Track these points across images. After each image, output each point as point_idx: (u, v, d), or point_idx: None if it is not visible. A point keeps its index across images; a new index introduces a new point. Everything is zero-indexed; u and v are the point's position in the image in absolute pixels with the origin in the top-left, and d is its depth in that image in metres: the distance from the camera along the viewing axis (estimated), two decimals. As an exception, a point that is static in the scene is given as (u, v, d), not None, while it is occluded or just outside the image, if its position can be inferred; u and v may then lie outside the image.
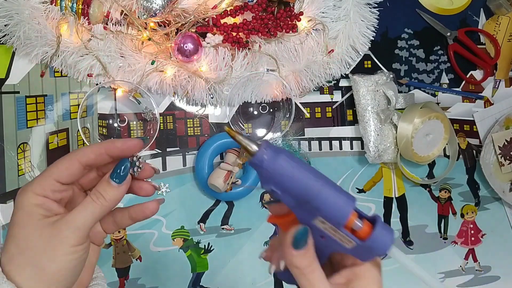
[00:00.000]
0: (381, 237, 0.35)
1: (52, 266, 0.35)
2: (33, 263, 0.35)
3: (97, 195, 0.37)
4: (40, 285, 0.35)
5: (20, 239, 0.35)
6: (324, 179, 0.34)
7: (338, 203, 0.33)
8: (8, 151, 0.69)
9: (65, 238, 0.35)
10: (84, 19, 0.67)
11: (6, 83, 0.69)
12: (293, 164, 0.33)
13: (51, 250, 0.35)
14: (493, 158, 0.87)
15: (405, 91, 0.85)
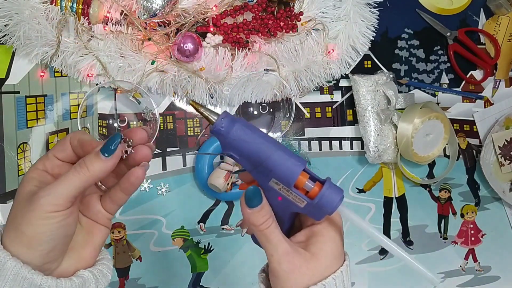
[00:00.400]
0: (328, 196, 0.38)
1: (29, 229, 0.37)
2: (15, 227, 0.38)
3: (81, 165, 0.38)
4: (22, 247, 0.37)
5: (12, 209, 0.39)
6: (275, 143, 0.38)
7: (288, 165, 0.37)
8: (8, 151, 0.69)
9: (40, 205, 0.37)
10: (84, 19, 0.67)
11: (6, 83, 0.69)
12: (248, 131, 0.37)
13: (28, 215, 0.37)
14: (493, 158, 0.87)
15: (405, 91, 0.85)
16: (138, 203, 0.73)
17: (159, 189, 0.74)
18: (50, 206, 0.37)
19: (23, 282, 0.37)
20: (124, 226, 0.72)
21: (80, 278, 0.40)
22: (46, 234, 0.37)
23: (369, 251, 0.81)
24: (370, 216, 0.82)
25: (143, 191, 0.73)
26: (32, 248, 0.37)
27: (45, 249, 0.38)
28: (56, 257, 0.40)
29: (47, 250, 0.38)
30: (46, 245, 0.38)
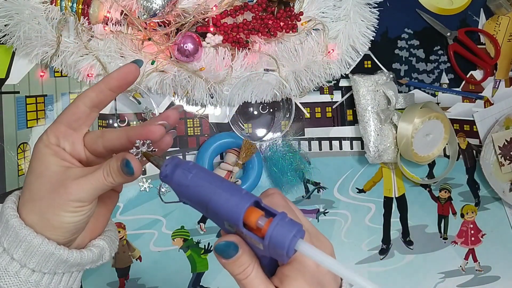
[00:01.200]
0: (277, 235, 0.32)
1: (55, 219, 0.38)
2: (40, 213, 0.38)
3: (107, 173, 0.38)
4: (46, 231, 0.39)
5: (33, 188, 0.39)
6: (219, 184, 0.34)
7: (230, 205, 0.33)
8: (8, 151, 0.69)
9: (70, 200, 0.38)
10: (84, 19, 0.67)
11: (6, 83, 0.69)
12: (189, 175, 0.35)
13: (56, 207, 0.38)
14: (493, 158, 0.87)
15: (405, 91, 0.85)
16: (138, 203, 0.73)
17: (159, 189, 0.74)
18: (79, 203, 0.38)
19: (50, 257, 0.39)
20: (124, 226, 0.72)
21: (98, 248, 0.42)
22: (72, 224, 0.39)
23: (369, 251, 0.81)
24: (370, 216, 0.82)
25: (143, 191, 0.73)
26: (56, 233, 0.39)
27: (69, 234, 0.40)
28: (76, 236, 0.41)
29: (70, 235, 0.40)
30: (70, 232, 0.39)
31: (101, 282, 0.71)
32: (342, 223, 0.80)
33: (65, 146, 0.40)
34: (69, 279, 0.42)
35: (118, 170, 0.38)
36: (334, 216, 0.80)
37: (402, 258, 0.83)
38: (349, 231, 0.81)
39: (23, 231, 0.38)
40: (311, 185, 0.80)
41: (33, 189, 0.39)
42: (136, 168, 0.38)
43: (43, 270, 0.39)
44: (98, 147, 0.41)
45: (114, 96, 0.41)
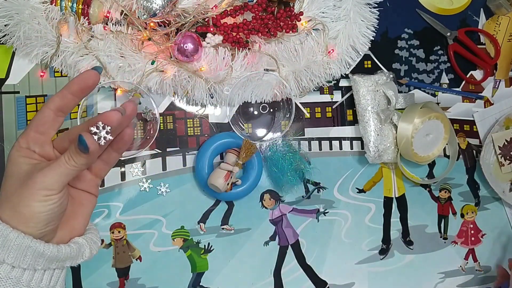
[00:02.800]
0: None
1: (26, 209, 0.41)
2: (13, 208, 0.41)
3: (69, 158, 0.42)
4: (20, 224, 0.41)
5: (6, 187, 0.43)
6: None
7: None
8: (8, 151, 0.69)
9: (37, 189, 0.40)
10: (84, 19, 0.67)
11: (6, 83, 0.69)
12: None
13: (26, 198, 0.41)
14: (493, 158, 0.87)
15: (405, 91, 0.85)
16: (138, 203, 0.73)
17: (159, 189, 0.74)
18: (46, 191, 0.41)
19: (27, 250, 0.40)
20: (124, 226, 0.72)
21: (76, 244, 0.45)
22: (43, 214, 0.41)
23: (369, 251, 0.81)
24: (370, 216, 0.82)
25: (143, 191, 0.73)
26: (30, 225, 0.41)
27: (42, 225, 0.42)
28: (52, 230, 0.43)
29: (44, 225, 0.42)
30: (43, 222, 0.42)
31: (101, 282, 0.71)
32: (342, 223, 0.80)
33: (35, 149, 0.44)
34: (50, 278, 0.43)
35: (76, 150, 0.41)
36: (334, 216, 0.80)
37: (402, 258, 0.83)
38: (349, 231, 0.81)
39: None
40: (311, 185, 0.80)
41: (6, 188, 0.42)
42: (90, 143, 0.40)
43: (22, 266, 0.41)
44: (65, 143, 0.46)
45: (76, 100, 0.45)
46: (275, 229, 0.78)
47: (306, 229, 0.79)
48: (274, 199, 0.78)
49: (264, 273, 0.77)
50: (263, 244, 0.78)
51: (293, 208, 0.79)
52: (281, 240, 0.78)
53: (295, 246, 0.79)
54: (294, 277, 0.78)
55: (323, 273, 0.79)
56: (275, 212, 0.78)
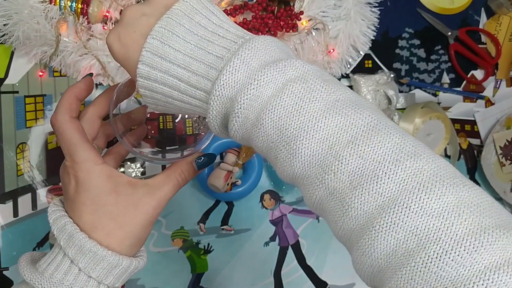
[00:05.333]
0: None
1: (135, 229, 0.41)
2: (115, 224, 0.40)
3: (180, 174, 0.43)
4: (125, 240, 0.40)
5: (93, 206, 0.40)
6: None
7: None
8: (7, 151, 0.69)
9: (150, 214, 0.41)
10: (83, 19, 0.67)
11: (5, 82, 0.69)
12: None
13: (134, 218, 0.40)
14: (494, 158, 0.86)
15: (406, 91, 0.85)
16: (138, 204, 0.73)
17: (159, 189, 0.74)
18: (157, 213, 0.42)
19: (116, 268, 0.40)
20: (123, 227, 0.72)
21: (143, 254, 0.45)
22: (146, 232, 0.42)
23: (369, 252, 0.81)
24: (370, 216, 0.81)
25: (142, 191, 0.73)
26: (125, 244, 0.41)
27: (140, 245, 0.43)
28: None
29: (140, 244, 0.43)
30: (143, 241, 0.43)
31: (100, 283, 0.71)
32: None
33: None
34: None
35: (193, 167, 0.45)
36: (335, 216, 0.80)
37: (403, 258, 0.83)
38: (349, 231, 0.80)
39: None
40: (312, 185, 0.79)
41: (99, 206, 0.41)
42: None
43: (106, 282, 0.41)
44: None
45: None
46: (275, 230, 0.78)
47: (306, 229, 0.79)
48: (274, 199, 0.78)
49: (264, 273, 0.77)
50: (263, 245, 0.77)
51: (293, 209, 0.79)
52: (281, 241, 0.78)
53: (295, 247, 0.78)
54: (295, 278, 0.78)
55: (323, 274, 0.79)
56: (275, 213, 0.78)
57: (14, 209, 0.68)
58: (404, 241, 0.28)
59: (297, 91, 0.32)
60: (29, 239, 0.67)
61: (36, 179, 0.69)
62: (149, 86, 0.36)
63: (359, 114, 0.32)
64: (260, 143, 0.34)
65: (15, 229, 0.68)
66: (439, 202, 0.28)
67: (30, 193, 0.69)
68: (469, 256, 0.26)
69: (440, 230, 0.27)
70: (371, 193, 0.30)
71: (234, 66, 0.33)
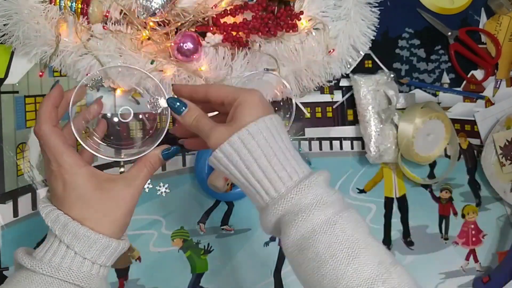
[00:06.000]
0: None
1: (117, 214, 0.48)
2: (100, 212, 0.47)
3: (149, 164, 0.50)
4: (112, 224, 0.48)
5: (81, 202, 0.47)
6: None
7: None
8: (7, 151, 0.69)
9: (130, 202, 0.49)
10: (83, 19, 0.67)
11: (5, 82, 0.69)
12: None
13: (117, 206, 0.48)
14: (494, 158, 0.87)
15: (406, 91, 0.85)
16: (138, 203, 0.73)
17: (159, 189, 0.74)
18: (136, 200, 0.50)
19: (107, 249, 0.47)
20: (123, 227, 0.72)
21: (128, 242, 0.51)
22: (128, 218, 0.49)
23: (369, 252, 0.81)
24: (370, 216, 0.82)
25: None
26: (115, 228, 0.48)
27: (125, 228, 0.50)
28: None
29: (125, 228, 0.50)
30: (127, 224, 0.50)
31: (100, 283, 0.71)
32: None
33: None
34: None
35: (159, 158, 0.52)
36: (335, 216, 0.80)
37: (403, 258, 0.83)
38: (349, 231, 0.80)
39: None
40: (312, 185, 0.79)
41: (84, 202, 0.48)
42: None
43: (98, 262, 0.48)
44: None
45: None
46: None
47: (306, 229, 0.79)
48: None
49: (264, 273, 0.77)
50: (263, 245, 0.77)
51: (294, 209, 0.79)
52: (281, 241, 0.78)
53: (296, 247, 0.78)
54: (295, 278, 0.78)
55: (323, 274, 0.79)
56: (275, 213, 0.78)
57: (14, 209, 0.68)
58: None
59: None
60: (29, 239, 0.67)
61: (36, 179, 0.69)
62: (222, 162, 0.47)
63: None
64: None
65: (15, 229, 0.68)
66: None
67: (30, 193, 0.69)
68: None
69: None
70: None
71: (304, 187, 0.45)
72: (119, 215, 0.48)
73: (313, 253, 0.44)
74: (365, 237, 0.44)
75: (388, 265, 0.43)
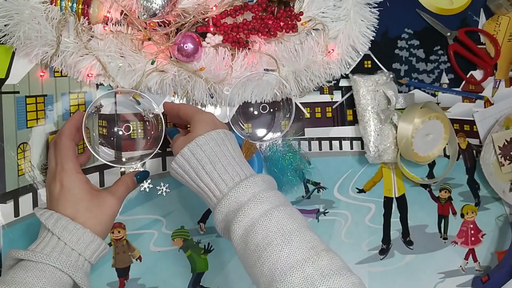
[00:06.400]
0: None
1: (102, 219, 0.59)
2: (94, 216, 0.58)
3: (126, 184, 0.64)
4: (98, 226, 0.58)
5: (74, 202, 0.57)
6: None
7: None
8: (8, 151, 0.69)
9: (115, 209, 0.61)
10: (84, 19, 0.67)
11: (6, 83, 0.69)
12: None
13: (104, 214, 0.59)
14: (493, 158, 0.87)
15: (405, 91, 0.85)
16: (138, 203, 0.73)
17: (159, 189, 0.74)
18: (118, 208, 0.62)
19: (92, 244, 0.56)
20: (124, 226, 0.72)
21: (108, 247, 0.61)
22: (111, 222, 0.60)
23: (369, 251, 0.81)
24: (370, 216, 0.82)
25: (143, 191, 0.73)
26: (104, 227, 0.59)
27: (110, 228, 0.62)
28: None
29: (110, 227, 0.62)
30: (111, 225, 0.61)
31: (101, 282, 0.71)
32: (342, 223, 0.80)
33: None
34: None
35: (133, 178, 0.67)
36: (334, 216, 0.80)
37: (402, 258, 0.83)
38: (349, 231, 0.81)
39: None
40: (311, 185, 0.80)
41: (75, 203, 0.58)
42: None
43: (84, 255, 0.56)
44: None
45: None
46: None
47: (306, 229, 0.79)
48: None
49: (264, 273, 0.77)
50: (263, 244, 0.77)
51: (293, 208, 0.79)
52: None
53: (295, 246, 0.79)
54: (294, 277, 0.78)
55: (323, 273, 0.79)
56: (275, 212, 0.78)
57: (15, 208, 0.68)
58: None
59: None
60: (29, 239, 0.67)
61: (37, 179, 0.69)
62: (177, 171, 0.58)
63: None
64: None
65: (16, 228, 0.68)
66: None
67: (31, 192, 0.69)
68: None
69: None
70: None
71: (243, 186, 0.52)
72: (104, 218, 0.57)
73: (253, 245, 0.48)
74: (300, 227, 0.49)
75: (319, 251, 0.47)
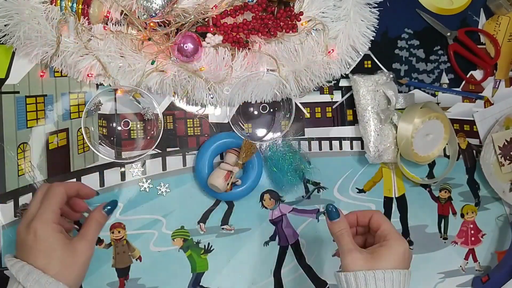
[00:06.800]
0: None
1: (77, 269, 0.55)
2: (64, 266, 0.54)
3: (95, 221, 0.59)
4: (71, 276, 0.54)
5: (47, 252, 0.53)
6: None
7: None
8: (8, 151, 0.69)
9: (86, 256, 0.56)
10: (84, 19, 0.67)
11: (6, 83, 0.69)
12: None
13: (75, 262, 0.55)
14: (493, 158, 0.87)
15: (405, 91, 0.85)
16: (138, 203, 0.73)
17: (159, 189, 0.74)
18: (91, 253, 0.57)
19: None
20: (124, 226, 0.72)
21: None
22: (84, 269, 0.56)
23: (369, 251, 0.81)
24: (370, 216, 0.82)
25: (143, 191, 0.73)
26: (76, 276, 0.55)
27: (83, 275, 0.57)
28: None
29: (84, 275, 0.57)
30: (85, 272, 0.57)
31: (101, 282, 0.71)
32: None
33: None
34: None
35: (101, 212, 0.60)
36: (334, 216, 0.80)
37: (402, 258, 0.83)
38: (349, 231, 0.81)
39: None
40: (311, 185, 0.80)
41: (50, 256, 0.55)
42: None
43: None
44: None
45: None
46: (275, 229, 0.78)
47: (306, 229, 0.79)
48: (274, 199, 0.78)
49: (264, 273, 0.77)
50: (263, 244, 0.77)
51: (293, 208, 0.79)
52: (281, 240, 0.78)
53: (295, 246, 0.79)
54: (294, 277, 0.78)
55: (323, 273, 0.79)
56: (275, 212, 0.78)
57: (15, 208, 0.69)
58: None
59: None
60: (30, 239, 0.67)
61: (37, 179, 0.70)
62: (341, 283, 0.57)
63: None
64: None
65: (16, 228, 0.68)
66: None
67: (31, 192, 0.69)
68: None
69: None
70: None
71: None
72: (77, 267, 0.55)
73: None
74: None
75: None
